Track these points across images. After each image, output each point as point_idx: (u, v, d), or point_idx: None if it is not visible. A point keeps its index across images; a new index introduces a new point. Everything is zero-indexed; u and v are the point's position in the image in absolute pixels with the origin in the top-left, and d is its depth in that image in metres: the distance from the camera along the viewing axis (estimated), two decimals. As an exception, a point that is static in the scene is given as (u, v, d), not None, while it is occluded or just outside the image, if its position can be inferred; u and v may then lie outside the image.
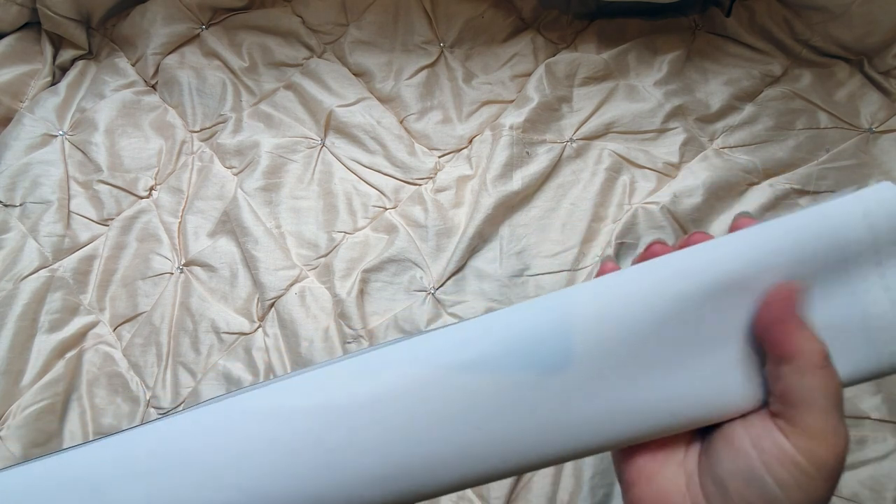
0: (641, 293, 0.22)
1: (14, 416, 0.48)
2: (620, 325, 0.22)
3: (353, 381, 0.23)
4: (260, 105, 0.62)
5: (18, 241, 0.54)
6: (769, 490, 0.18)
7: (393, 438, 0.22)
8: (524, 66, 0.62)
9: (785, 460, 0.18)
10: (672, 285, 0.22)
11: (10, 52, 0.61)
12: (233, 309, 0.54)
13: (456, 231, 0.55)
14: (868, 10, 0.57)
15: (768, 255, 0.22)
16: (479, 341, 0.23)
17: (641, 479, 0.22)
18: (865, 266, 0.22)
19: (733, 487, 0.19)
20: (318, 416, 0.23)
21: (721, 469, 0.19)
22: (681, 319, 0.22)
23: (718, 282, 0.22)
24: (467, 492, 0.47)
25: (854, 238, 0.22)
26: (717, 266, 0.22)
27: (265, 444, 0.23)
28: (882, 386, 0.49)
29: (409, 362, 0.23)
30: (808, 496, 0.18)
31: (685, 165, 0.58)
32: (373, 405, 0.23)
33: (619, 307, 0.22)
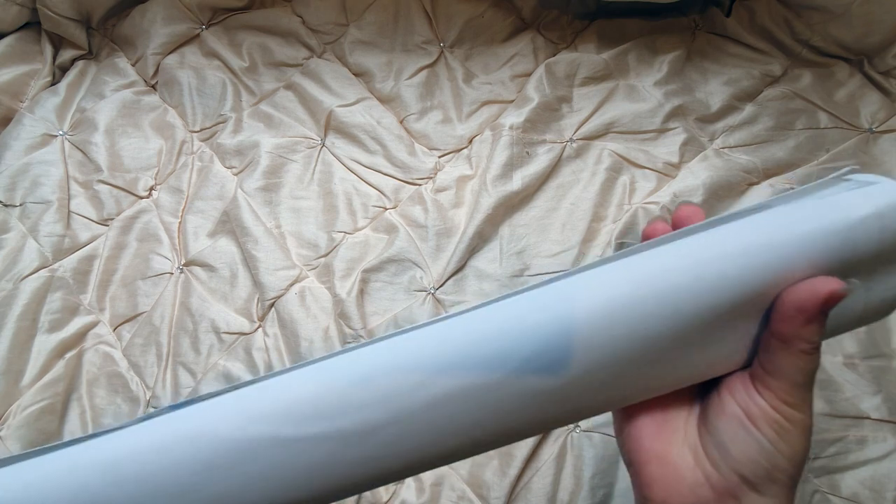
0: (640, 291, 0.22)
1: (14, 416, 0.48)
2: (619, 326, 0.22)
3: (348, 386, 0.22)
4: (260, 105, 0.62)
5: (18, 241, 0.54)
6: (762, 444, 0.22)
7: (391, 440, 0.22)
8: (524, 66, 0.62)
9: (768, 418, 0.22)
10: (676, 280, 0.22)
11: (10, 52, 0.61)
12: (233, 309, 0.54)
13: (456, 231, 0.55)
14: (868, 10, 0.57)
15: (772, 249, 0.22)
16: (475, 344, 0.22)
17: (653, 460, 0.24)
18: (861, 271, 0.23)
19: (734, 448, 0.22)
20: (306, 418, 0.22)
21: (720, 435, 0.23)
22: (681, 316, 0.22)
23: (721, 279, 0.22)
24: (467, 492, 0.47)
25: (863, 240, 0.22)
26: (717, 262, 0.22)
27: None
28: (882, 386, 0.49)
29: (400, 369, 0.22)
30: (791, 447, 0.22)
31: (685, 165, 0.58)
32: (364, 409, 0.22)
33: (619, 307, 0.22)
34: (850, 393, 0.49)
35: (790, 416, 0.22)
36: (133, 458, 0.22)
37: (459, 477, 0.48)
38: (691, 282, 0.22)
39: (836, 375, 0.49)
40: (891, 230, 0.22)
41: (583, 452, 0.48)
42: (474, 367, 0.22)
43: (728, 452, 0.22)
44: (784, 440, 0.22)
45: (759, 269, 0.22)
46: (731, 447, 0.22)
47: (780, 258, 0.22)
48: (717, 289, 0.22)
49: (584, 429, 0.49)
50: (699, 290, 0.22)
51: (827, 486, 0.47)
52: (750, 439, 0.22)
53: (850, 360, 0.50)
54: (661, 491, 0.24)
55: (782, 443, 0.22)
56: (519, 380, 0.22)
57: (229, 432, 0.21)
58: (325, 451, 0.21)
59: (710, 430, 0.23)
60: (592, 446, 0.48)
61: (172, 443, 0.22)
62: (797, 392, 0.22)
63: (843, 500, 0.46)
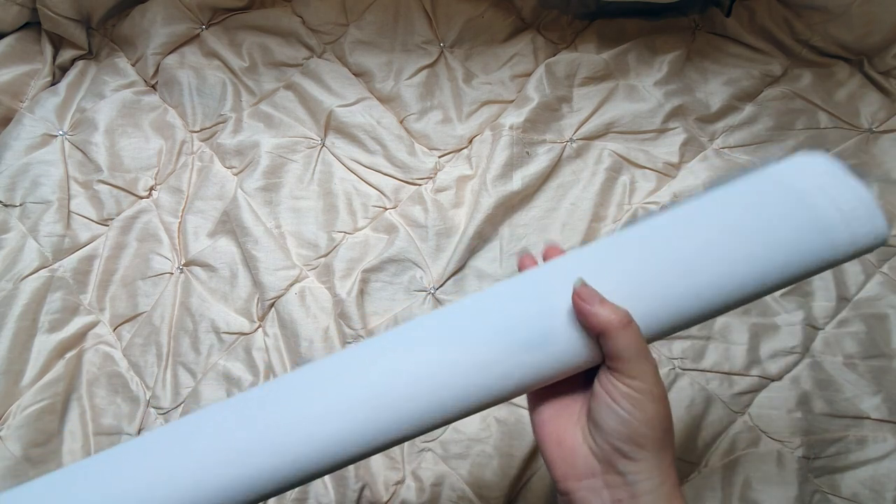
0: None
1: (14, 416, 0.48)
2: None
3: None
4: (260, 105, 0.62)
5: (18, 241, 0.54)
6: (620, 415, 0.26)
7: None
8: (524, 66, 0.62)
9: (623, 395, 0.27)
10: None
11: (10, 52, 0.61)
12: (233, 309, 0.54)
13: (456, 231, 0.55)
14: (868, 10, 0.57)
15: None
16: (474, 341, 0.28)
17: (553, 443, 0.29)
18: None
19: (603, 423, 0.27)
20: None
21: (596, 416, 0.28)
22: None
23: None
24: (467, 492, 0.47)
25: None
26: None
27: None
28: (882, 386, 0.49)
29: (405, 355, 0.28)
30: (645, 413, 0.26)
31: (685, 165, 0.58)
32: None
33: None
34: (850, 393, 0.49)
35: (637, 387, 0.26)
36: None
37: (459, 477, 0.48)
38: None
39: (836, 375, 0.49)
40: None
41: (583, 452, 0.48)
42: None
43: (601, 428, 0.27)
44: (637, 408, 0.26)
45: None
46: (602, 423, 0.27)
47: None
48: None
49: (584, 429, 0.49)
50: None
51: (827, 486, 0.47)
52: (612, 413, 0.27)
53: (850, 360, 0.50)
54: (560, 468, 0.29)
55: (636, 411, 0.26)
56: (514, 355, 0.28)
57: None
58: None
59: (591, 414, 0.28)
60: (592, 446, 0.48)
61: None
62: (634, 366, 0.26)
63: (843, 500, 0.46)
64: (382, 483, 0.48)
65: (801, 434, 0.48)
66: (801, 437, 0.48)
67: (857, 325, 0.51)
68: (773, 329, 0.51)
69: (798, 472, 0.47)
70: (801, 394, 0.49)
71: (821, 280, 0.53)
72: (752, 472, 0.47)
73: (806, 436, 0.48)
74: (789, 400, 0.49)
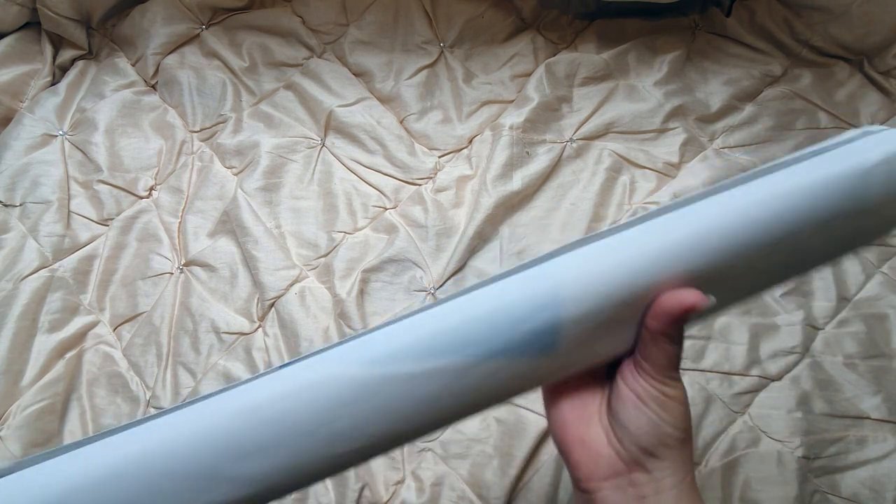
0: (620, 272, 0.25)
1: (14, 416, 0.48)
2: (600, 313, 0.26)
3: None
4: (260, 105, 0.62)
5: (18, 241, 0.54)
6: (650, 417, 0.27)
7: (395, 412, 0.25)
8: (524, 66, 0.62)
9: (653, 398, 0.27)
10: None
11: (10, 52, 0.61)
12: (233, 309, 0.54)
13: (456, 231, 0.55)
14: (868, 10, 0.57)
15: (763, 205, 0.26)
16: (474, 334, 0.25)
17: (576, 445, 0.29)
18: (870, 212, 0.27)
19: (630, 425, 0.27)
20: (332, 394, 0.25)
21: (622, 416, 0.27)
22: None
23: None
24: (467, 492, 0.47)
25: (874, 184, 0.26)
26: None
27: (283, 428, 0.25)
28: (882, 386, 0.49)
29: (406, 358, 0.25)
30: (673, 415, 0.26)
31: (685, 165, 0.58)
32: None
33: (602, 290, 0.25)
34: (850, 393, 0.49)
35: (666, 392, 0.26)
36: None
37: (459, 477, 0.48)
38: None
39: (836, 375, 0.49)
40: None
41: (583, 452, 0.48)
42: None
43: (627, 429, 0.27)
44: (666, 411, 0.26)
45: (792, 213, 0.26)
46: (629, 424, 0.27)
47: (787, 208, 0.25)
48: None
49: (584, 429, 0.49)
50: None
51: (827, 486, 0.47)
52: (641, 415, 0.27)
53: (850, 360, 0.50)
54: (584, 469, 0.28)
55: (665, 413, 0.26)
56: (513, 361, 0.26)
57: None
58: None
59: (613, 414, 0.28)
60: (592, 446, 0.48)
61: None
62: (666, 373, 0.27)
63: (843, 500, 0.46)
64: (382, 483, 0.48)
65: (801, 434, 0.48)
66: (801, 437, 0.48)
67: (857, 325, 0.51)
68: (773, 329, 0.51)
69: (798, 472, 0.47)
70: (801, 394, 0.49)
71: (821, 280, 0.53)
72: (752, 472, 0.47)
73: (806, 436, 0.48)
74: (789, 400, 0.49)
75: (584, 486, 0.29)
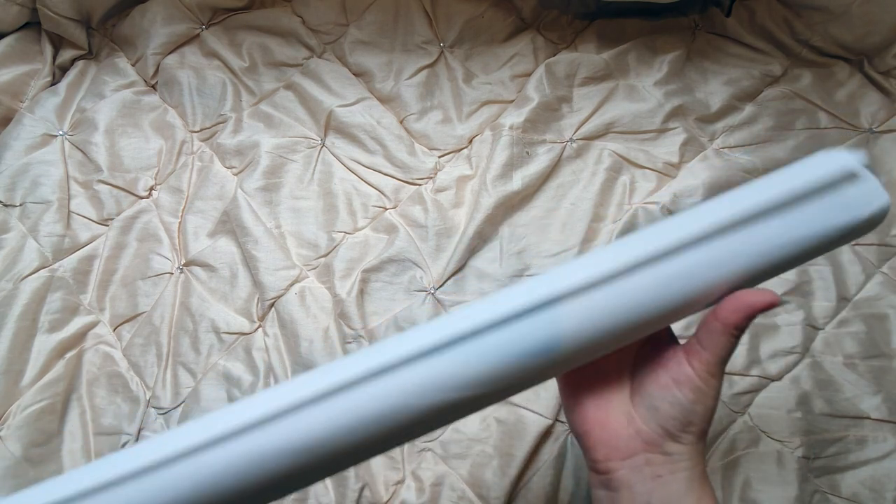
0: (625, 293, 0.27)
1: (14, 416, 0.48)
2: (600, 333, 0.27)
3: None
4: (260, 105, 0.62)
5: (18, 241, 0.54)
6: (681, 402, 0.28)
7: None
8: (524, 66, 0.62)
9: (690, 383, 0.28)
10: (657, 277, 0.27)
11: (10, 52, 0.61)
12: (233, 309, 0.54)
13: (456, 231, 0.55)
14: (868, 10, 0.57)
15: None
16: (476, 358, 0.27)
17: (595, 427, 0.31)
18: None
19: (661, 406, 0.29)
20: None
21: (653, 399, 0.29)
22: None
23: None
24: (467, 492, 0.47)
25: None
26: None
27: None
28: (882, 386, 0.49)
29: (416, 380, 0.27)
30: (705, 406, 0.28)
31: (685, 165, 0.58)
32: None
33: (605, 311, 0.27)
34: (850, 393, 0.49)
35: (708, 382, 0.28)
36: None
37: (459, 477, 0.48)
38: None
39: (836, 375, 0.49)
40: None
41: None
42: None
43: (657, 411, 0.29)
44: (699, 402, 0.28)
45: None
46: (660, 407, 0.29)
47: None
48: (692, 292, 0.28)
49: (584, 429, 0.49)
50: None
51: (827, 486, 0.47)
52: (673, 399, 0.29)
53: (850, 360, 0.50)
54: (603, 449, 0.30)
55: (699, 404, 0.28)
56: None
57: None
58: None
59: (643, 396, 0.30)
60: (592, 446, 0.48)
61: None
62: (719, 364, 0.28)
63: (843, 500, 0.46)
64: (382, 483, 0.48)
65: (801, 434, 0.48)
66: (801, 437, 0.48)
67: (857, 325, 0.51)
68: (773, 329, 0.51)
69: (798, 472, 0.47)
70: (801, 394, 0.49)
71: (821, 280, 0.53)
72: (752, 472, 0.47)
73: (806, 436, 0.48)
74: (789, 400, 0.49)
75: (603, 467, 0.30)
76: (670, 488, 0.28)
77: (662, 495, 0.28)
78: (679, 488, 0.28)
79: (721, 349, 0.28)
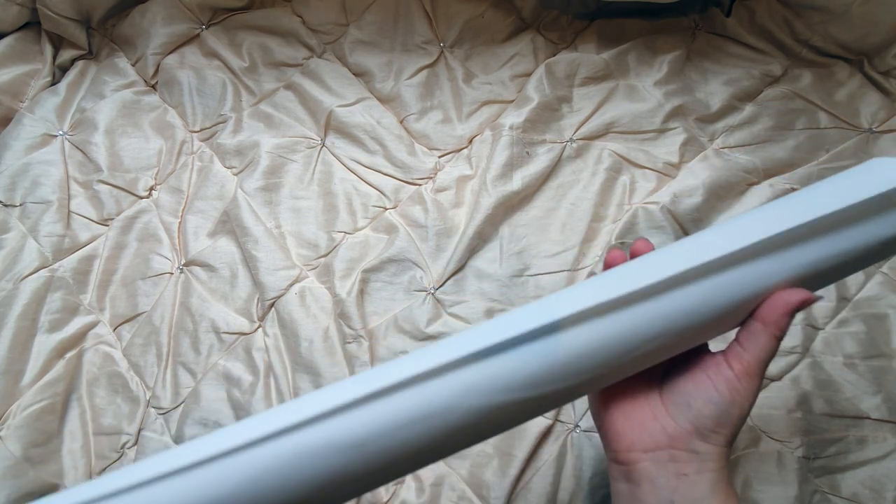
0: (629, 319, 0.27)
1: (14, 416, 0.48)
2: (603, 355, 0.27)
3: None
4: (260, 105, 0.62)
5: (18, 241, 0.54)
6: (717, 401, 0.28)
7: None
8: (524, 66, 0.62)
9: (728, 382, 0.28)
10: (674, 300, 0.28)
11: (10, 52, 0.61)
12: (233, 309, 0.54)
13: (456, 231, 0.55)
14: (868, 10, 0.57)
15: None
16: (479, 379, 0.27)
17: (619, 418, 0.31)
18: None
19: (695, 404, 0.29)
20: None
21: (686, 396, 0.29)
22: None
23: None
24: (467, 492, 0.47)
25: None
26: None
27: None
28: (882, 386, 0.49)
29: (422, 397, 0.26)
30: (740, 409, 0.28)
31: (685, 165, 0.58)
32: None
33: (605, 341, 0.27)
34: (850, 393, 0.49)
35: (747, 382, 0.28)
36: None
37: (459, 477, 0.48)
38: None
39: (836, 375, 0.49)
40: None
41: (583, 453, 0.48)
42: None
43: (690, 408, 0.29)
44: (735, 403, 0.28)
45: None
46: (694, 405, 0.29)
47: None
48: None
49: (584, 429, 0.49)
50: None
51: (827, 486, 0.47)
52: (710, 398, 0.28)
53: (850, 360, 0.50)
54: (626, 440, 0.30)
55: (735, 405, 0.28)
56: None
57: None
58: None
59: (675, 392, 0.30)
60: (592, 446, 0.48)
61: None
62: (759, 366, 0.28)
63: (843, 500, 0.46)
64: (382, 483, 0.48)
65: (801, 434, 0.48)
66: (801, 437, 0.48)
67: (857, 325, 0.51)
68: (773, 329, 0.51)
69: (798, 472, 0.47)
70: (801, 394, 0.49)
71: (821, 280, 0.53)
72: (752, 472, 0.47)
73: (806, 436, 0.48)
74: (789, 400, 0.49)
75: (623, 458, 0.30)
76: (696, 488, 0.28)
77: (687, 494, 0.28)
78: (704, 489, 0.28)
79: (761, 350, 0.28)
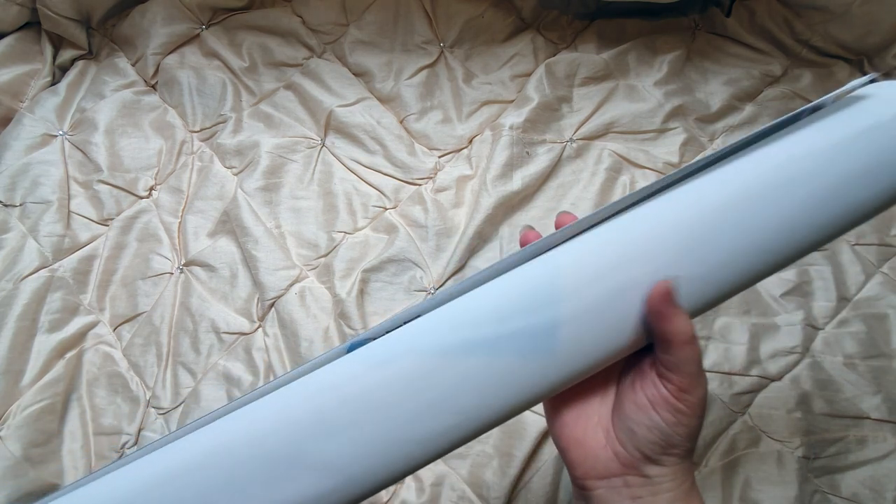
0: (622, 270, 0.26)
1: (14, 416, 0.48)
2: (599, 313, 0.26)
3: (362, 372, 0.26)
4: (260, 105, 0.62)
5: (18, 241, 0.54)
6: (659, 425, 0.26)
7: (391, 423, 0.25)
8: (524, 66, 0.62)
9: (667, 405, 0.26)
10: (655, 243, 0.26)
11: (10, 52, 0.61)
12: (233, 309, 0.54)
13: (456, 231, 0.55)
14: (868, 10, 0.57)
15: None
16: (474, 327, 0.26)
17: (573, 445, 0.29)
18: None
19: (639, 430, 0.27)
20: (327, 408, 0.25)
21: (629, 421, 0.27)
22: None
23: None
24: (467, 492, 0.47)
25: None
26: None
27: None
28: (882, 386, 0.49)
29: (410, 352, 0.25)
30: (687, 427, 0.26)
31: (685, 165, 0.58)
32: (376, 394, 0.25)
33: (601, 289, 0.26)
34: (850, 393, 0.49)
35: (687, 401, 0.26)
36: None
37: (459, 477, 0.48)
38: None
39: (836, 375, 0.49)
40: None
41: (583, 452, 0.48)
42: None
43: (634, 435, 0.27)
44: (681, 423, 0.26)
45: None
46: (637, 431, 0.27)
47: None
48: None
49: (584, 429, 0.49)
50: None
51: (827, 486, 0.47)
52: (650, 422, 0.27)
53: (850, 360, 0.50)
54: (581, 469, 0.29)
55: (679, 426, 0.26)
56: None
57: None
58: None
59: (621, 417, 0.28)
60: (592, 446, 0.48)
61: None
62: (691, 378, 0.26)
63: (843, 500, 0.46)
64: (382, 483, 0.48)
65: (801, 434, 0.48)
66: (801, 437, 0.48)
67: (857, 325, 0.51)
68: (773, 329, 0.51)
69: (798, 472, 0.47)
70: (801, 394, 0.49)
71: (821, 280, 0.53)
72: (752, 472, 0.47)
73: (806, 436, 0.48)
74: (789, 400, 0.49)
75: (580, 484, 0.29)
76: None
77: None
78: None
79: (683, 363, 0.26)
